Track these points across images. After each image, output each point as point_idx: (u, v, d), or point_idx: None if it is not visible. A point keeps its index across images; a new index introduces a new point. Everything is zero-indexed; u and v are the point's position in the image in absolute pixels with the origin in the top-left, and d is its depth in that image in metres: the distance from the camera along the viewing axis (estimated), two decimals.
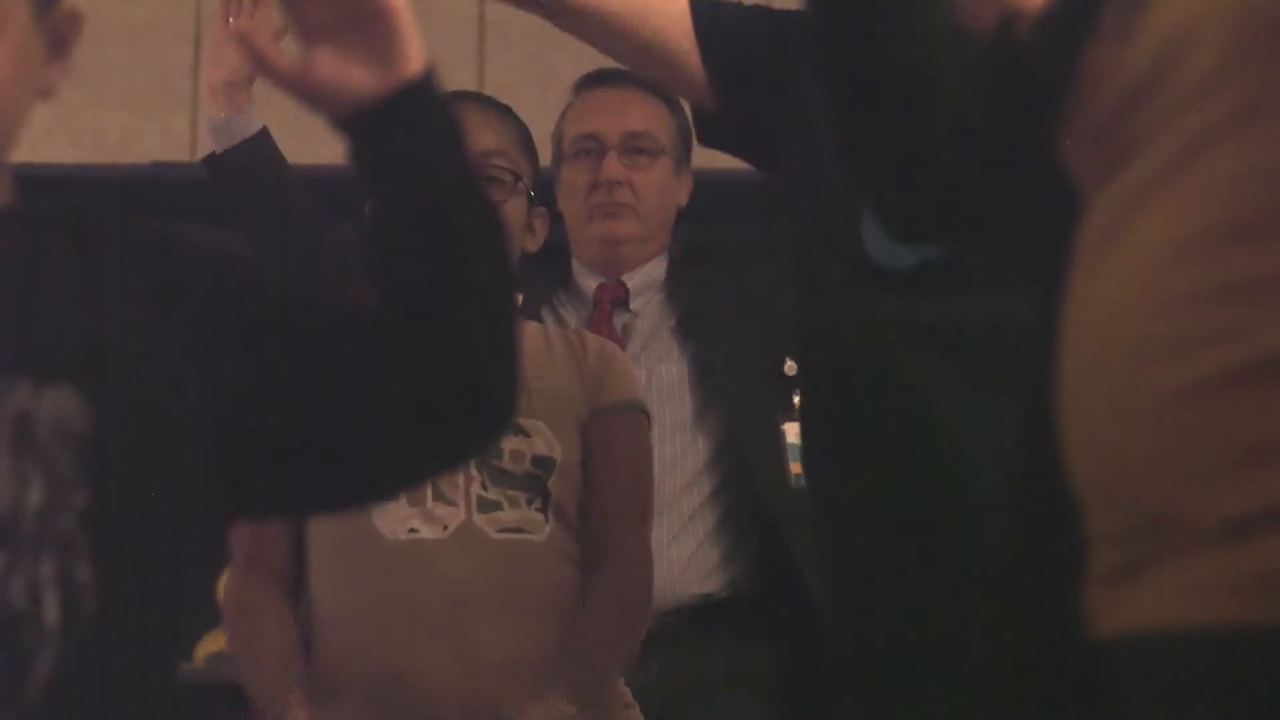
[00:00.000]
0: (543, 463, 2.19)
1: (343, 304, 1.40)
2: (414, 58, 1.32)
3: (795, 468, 2.51)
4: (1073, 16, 1.17)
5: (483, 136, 2.23)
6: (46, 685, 1.26)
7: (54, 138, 3.99)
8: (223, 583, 3.75)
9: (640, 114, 2.68)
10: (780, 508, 2.53)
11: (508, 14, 4.26)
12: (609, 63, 2.61)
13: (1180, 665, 1.00)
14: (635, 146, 2.62)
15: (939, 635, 1.85)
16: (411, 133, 1.33)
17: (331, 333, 1.37)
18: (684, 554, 2.55)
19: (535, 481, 2.19)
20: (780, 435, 2.57)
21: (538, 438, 2.19)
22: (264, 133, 2.55)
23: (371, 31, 1.30)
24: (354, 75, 1.30)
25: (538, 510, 2.15)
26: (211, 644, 3.83)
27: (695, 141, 2.67)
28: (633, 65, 2.31)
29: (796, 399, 2.48)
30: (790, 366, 2.52)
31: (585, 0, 2.05)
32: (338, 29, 1.30)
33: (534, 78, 2.48)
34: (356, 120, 1.32)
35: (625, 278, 2.67)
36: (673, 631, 2.47)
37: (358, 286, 1.38)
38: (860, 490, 2.03)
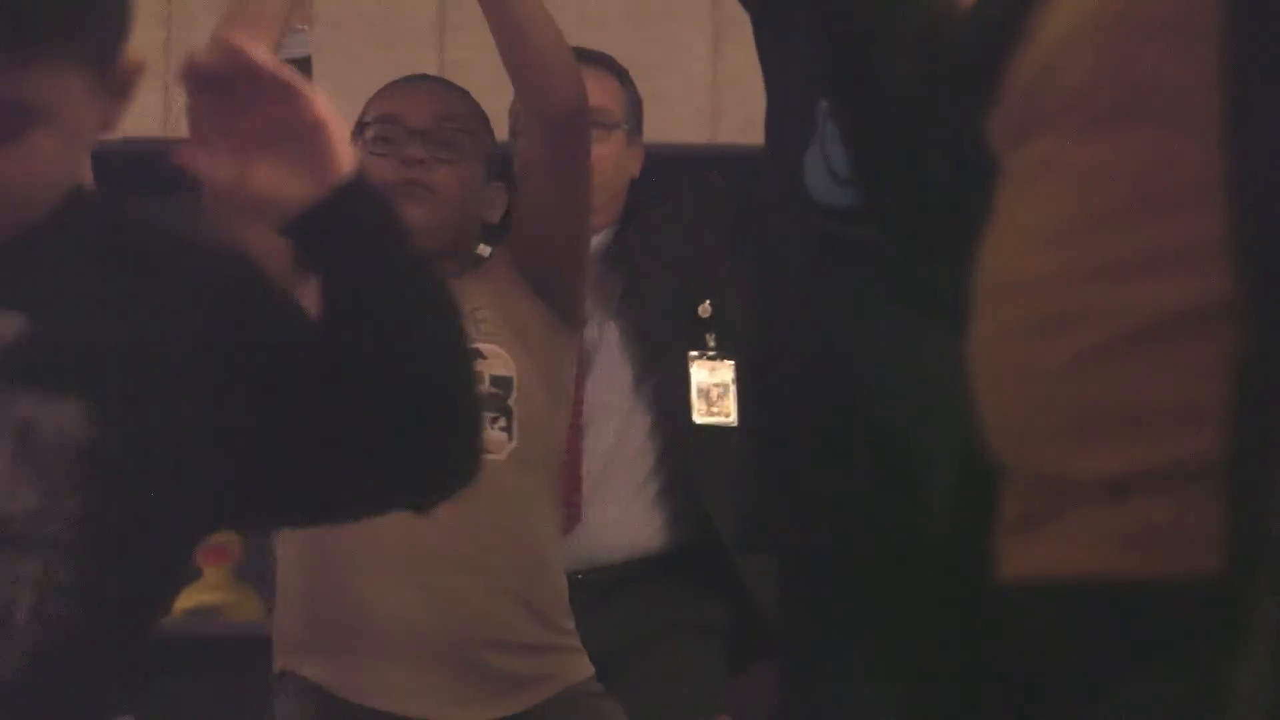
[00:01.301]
0: (501, 382, 2.19)
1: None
2: (345, 161, 1.31)
3: (701, 406, 2.52)
4: (998, 11, 1.17)
5: (446, 103, 2.27)
6: (11, 681, 1.27)
7: None
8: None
9: (596, 90, 2.60)
10: (687, 443, 2.55)
11: None
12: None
13: (1069, 612, 1.02)
14: (601, 116, 2.60)
15: (866, 545, 1.89)
16: (349, 232, 1.33)
17: (321, 368, 1.35)
18: (630, 515, 2.57)
19: (496, 400, 2.18)
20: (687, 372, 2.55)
21: (493, 359, 2.18)
22: None
23: (304, 142, 1.30)
24: (286, 186, 1.30)
25: (502, 429, 2.15)
26: (189, 599, 3.80)
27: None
28: None
29: (710, 339, 2.54)
30: (704, 309, 2.54)
31: None
32: (271, 142, 1.30)
33: (493, 56, 2.51)
34: (296, 225, 1.32)
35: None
36: (615, 586, 2.50)
37: None
38: (800, 402, 2.04)
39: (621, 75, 2.76)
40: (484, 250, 2.40)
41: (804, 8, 1.38)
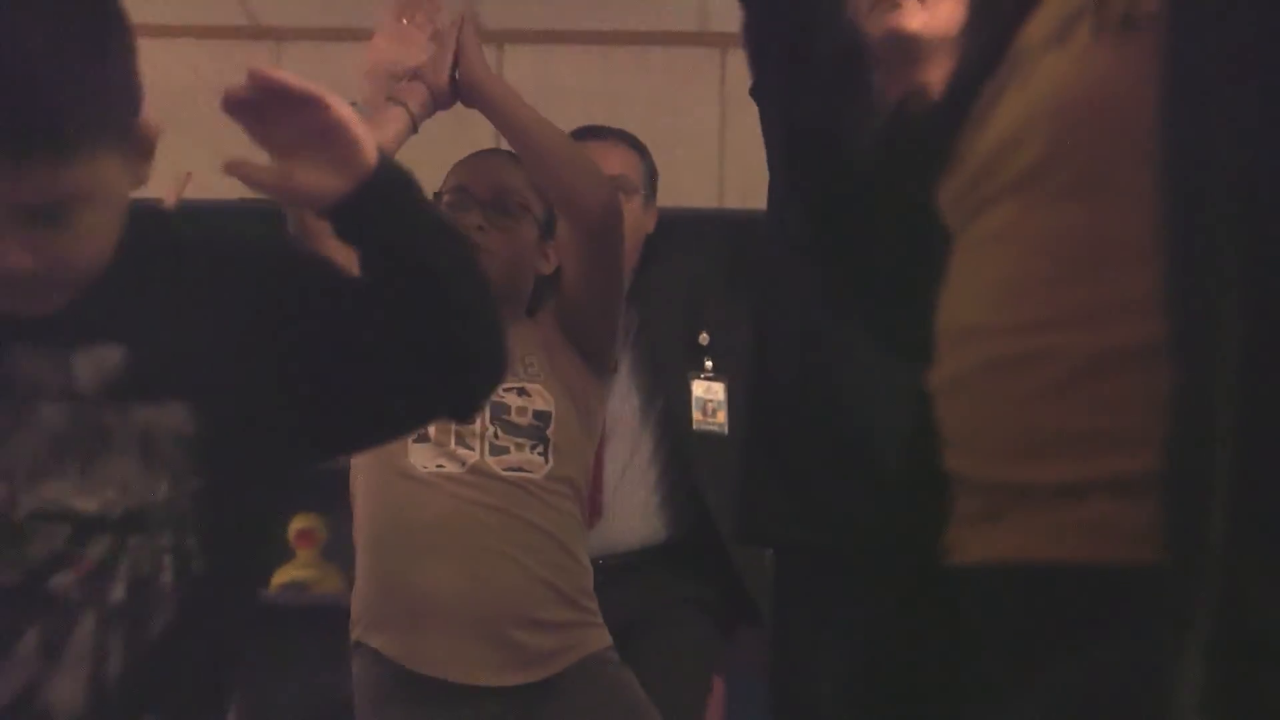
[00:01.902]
0: (541, 415, 2.18)
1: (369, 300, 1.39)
2: (368, 155, 1.31)
3: (699, 416, 2.53)
4: (953, 102, 1.15)
5: (504, 176, 2.24)
6: (164, 627, 1.29)
7: None
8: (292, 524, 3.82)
9: (619, 161, 2.64)
10: (687, 447, 2.54)
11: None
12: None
13: (1021, 590, 1.00)
14: (623, 183, 2.57)
15: (842, 539, 1.86)
16: (375, 216, 1.34)
17: (364, 318, 1.37)
18: (641, 512, 2.56)
19: (536, 430, 2.17)
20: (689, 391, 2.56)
21: (536, 396, 2.17)
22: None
23: (330, 142, 1.30)
24: (323, 181, 1.31)
25: (539, 454, 2.13)
26: (284, 575, 3.84)
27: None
28: None
29: (708, 362, 2.55)
30: (703, 338, 2.55)
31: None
32: (304, 144, 1.30)
33: None
34: (332, 213, 1.33)
35: None
36: (630, 570, 2.50)
37: None
38: (790, 416, 2.02)
39: (641, 149, 2.74)
40: None
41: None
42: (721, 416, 2.56)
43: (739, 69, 2.51)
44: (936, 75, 1.84)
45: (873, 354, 1.72)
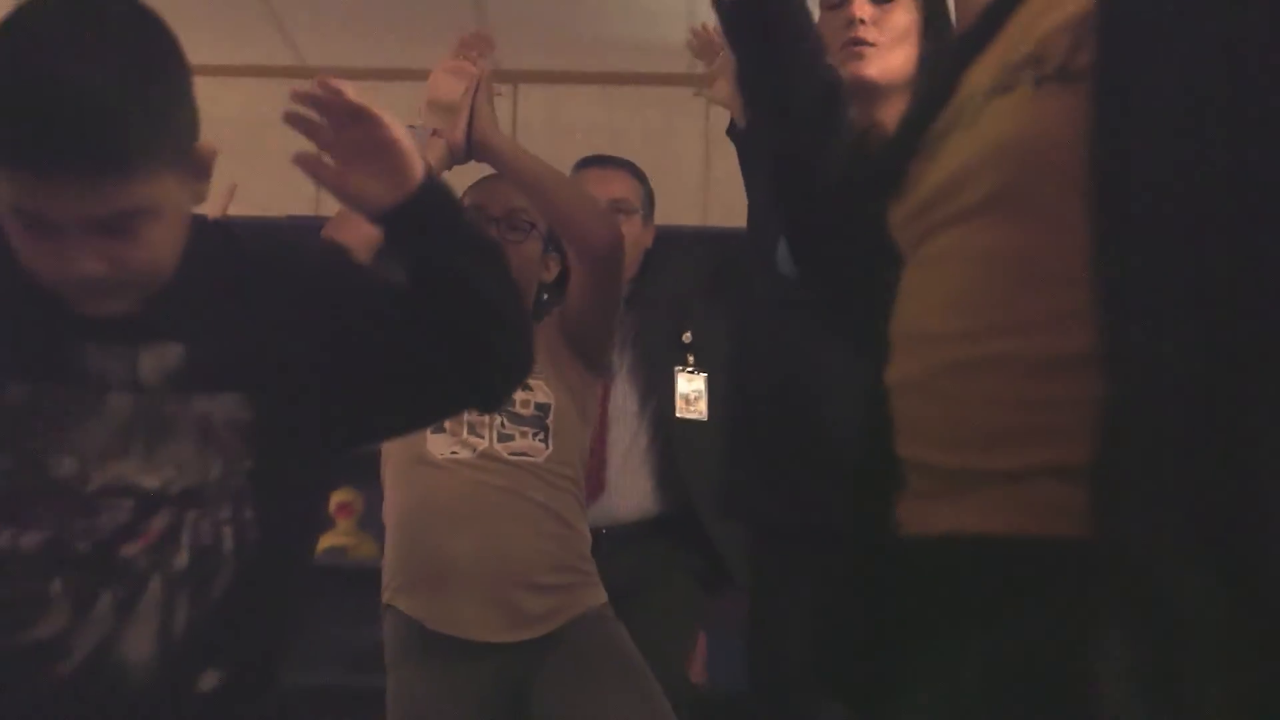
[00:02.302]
0: (543, 407, 2.18)
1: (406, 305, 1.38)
2: (415, 172, 1.33)
3: (681, 405, 2.53)
4: (904, 138, 1.15)
5: (514, 198, 2.22)
6: (224, 590, 1.30)
7: None
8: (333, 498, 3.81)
9: (621, 186, 2.64)
10: (671, 432, 2.52)
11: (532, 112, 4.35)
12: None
13: (964, 558, 0.99)
14: (617, 208, 2.57)
15: (809, 515, 1.83)
16: (421, 225, 1.35)
17: (404, 320, 1.37)
18: (637, 490, 2.55)
19: (538, 420, 2.17)
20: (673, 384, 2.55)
21: (538, 390, 2.17)
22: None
23: (382, 157, 1.32)
24: (375, 189, 1.33)
25: (540, 440, 2.13)
26: (325, 541, 3.79)
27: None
28: None
29: (690, 358, 2.55)
30: (687, 336, 2.54)
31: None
32: (359, 156, 1.32)
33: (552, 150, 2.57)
34: (381, 219, 1.35)
35: None
36: (629, 539, 2.48)
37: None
38: (764, 410, 2.03)
39: (640, 176, 2.73)
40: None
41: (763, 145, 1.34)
42: (702, 406, 2.55)
43: (720, 108, 2.55)
44: (891, 113, 1.88)
45: (837, 355, 1.73)
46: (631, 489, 2.54)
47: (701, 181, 4.11)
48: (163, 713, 1.27)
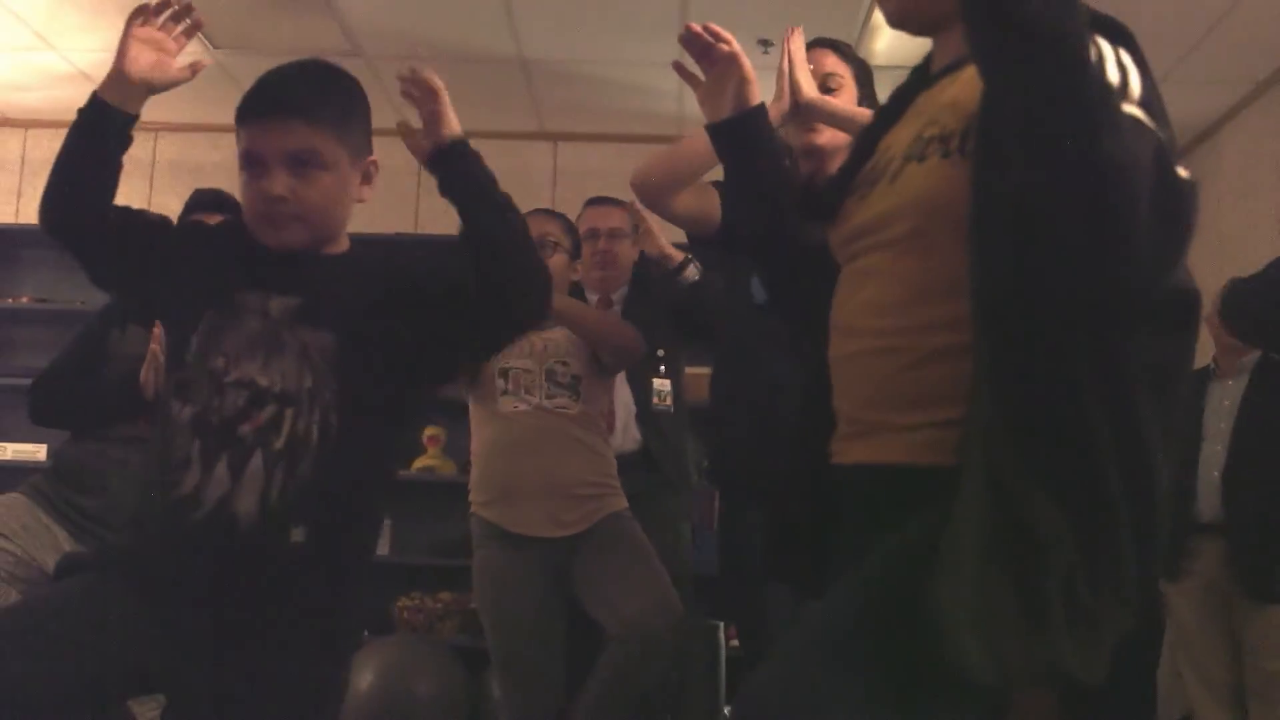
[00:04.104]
0: (575, 378, 2.18)
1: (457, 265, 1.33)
2: (453, 124, 1.32)
3: (655, 400, 2.48)
4: (840, 183, 1.14)
5: (545, 225, 2.19)
6: (310, 470, 1.27)
7: None
8: (426, 432, 3.79)
9: (618, 218, 2.55)
10: (647, 418, 2.47)
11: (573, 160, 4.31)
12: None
13: (880, 482, 0.99)
14: (614, 234, 2.52)
15: (766, 463, 1.81)
16: (455, 171, 1.32)
17: (454, 283, 1.33)
18: (627, 436, 2.47)
19: (573, 386, 2.18)
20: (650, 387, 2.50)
21: (572, 364, 2.18)
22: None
23: (428, 107, 1.31)
24: (425, 140, 1.33)
25: (574, 399, 2.13)
26: (420, 463, 3.80)
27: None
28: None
29: (661, 367, 2.49)
30: (660, 352, 2.48)
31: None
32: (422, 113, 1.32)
33: (578, 197, 2.51)
34: (430, 164, 1.33)
35: (614, 296, 2.55)
36: (628, 463, 2.37)
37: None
38: (735, 402, 2.03)
39: (630, 209, 2.62)
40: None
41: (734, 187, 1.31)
42: (669, 400, 2.52)
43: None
44: (834, 167, 1.90)
45: (791, 365, 1.70)
46: (626, 436, 2.49)
47: None
48: (265, 554, 1.25)
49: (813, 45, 1.91)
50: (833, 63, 1.91)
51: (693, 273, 2.34)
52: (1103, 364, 0.85)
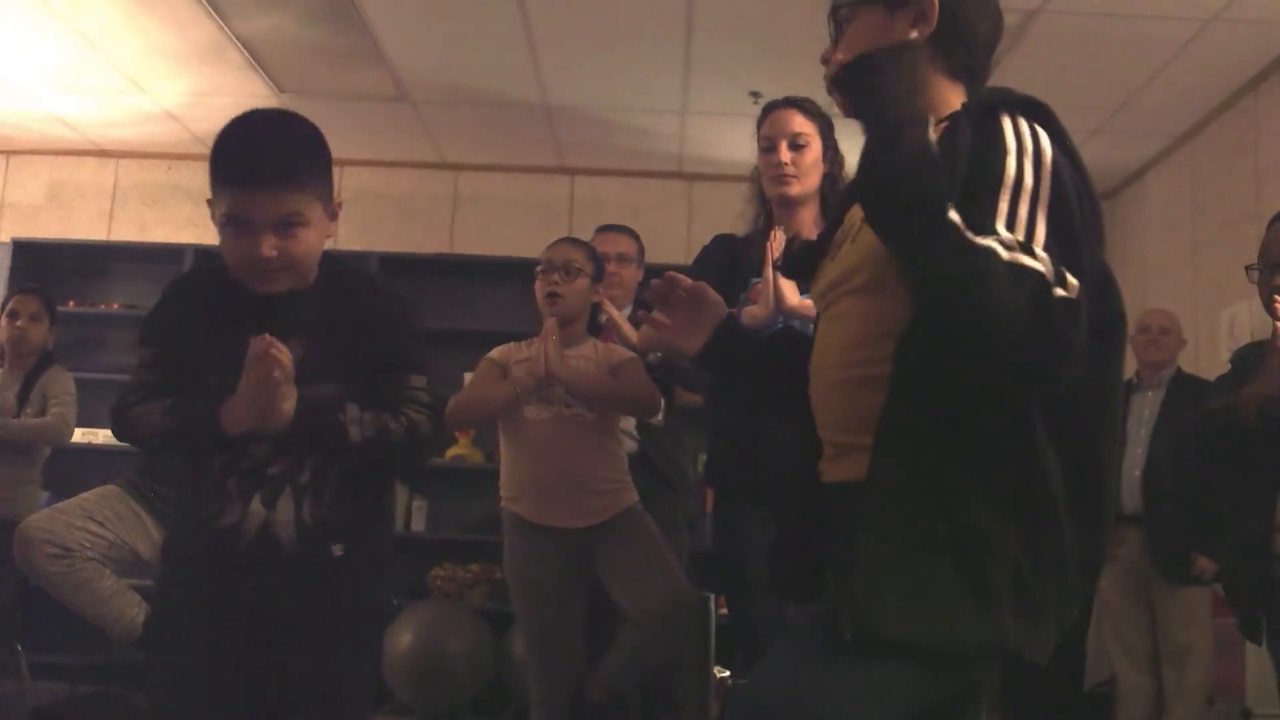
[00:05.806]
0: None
1: None
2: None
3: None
4: (819, 246, 1.15)
5: (569, 253, 2.13)
6: (334, 495, 1.27)
7: None
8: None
9: (624, 244, 2.45)
10: (644, 426, 2.37)
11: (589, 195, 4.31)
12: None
13: (849, 494, 0.98)
14: (622, 258, 2.48)
15: (758, 475, 1.80)
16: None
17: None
18: (628, 441, 2.39)
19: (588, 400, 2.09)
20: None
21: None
22: None
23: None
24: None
25: (590, 408, 2.05)
26: (452, 451, 3.78)
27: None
28: None
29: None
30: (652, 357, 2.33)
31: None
32: None
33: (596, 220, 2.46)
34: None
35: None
36: (632, 465, 2.30)
37: None
38: (727, 411, 1.97)
39: (636, 236, 2.61)
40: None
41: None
42: (659, 417, 2.36)
43: (699, 193, 2.48)
44: (805, 214, 1.91)
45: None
46: (626, 440, 2.42)
47: (684, 236, 4.08)
48: (309, 570, 1.26)
49: (780, 105, 1.90)
50: (799, 122, 1.90)
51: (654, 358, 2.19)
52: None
